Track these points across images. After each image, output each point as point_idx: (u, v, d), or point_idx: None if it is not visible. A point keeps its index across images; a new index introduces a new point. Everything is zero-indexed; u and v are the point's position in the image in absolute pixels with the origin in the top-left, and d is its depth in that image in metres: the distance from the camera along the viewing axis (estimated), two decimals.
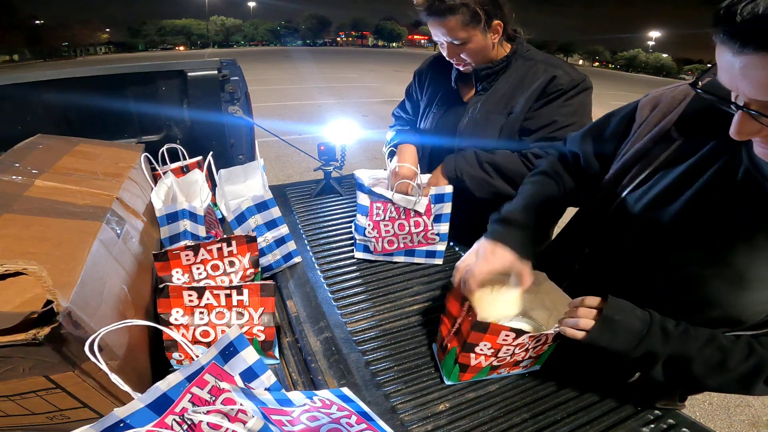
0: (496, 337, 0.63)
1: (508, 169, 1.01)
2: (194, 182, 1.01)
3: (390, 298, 0.91)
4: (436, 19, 0.95)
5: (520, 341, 0.64)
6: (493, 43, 1.01)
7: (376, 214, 0.96)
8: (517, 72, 1.05)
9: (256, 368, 0.54)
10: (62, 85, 1.36)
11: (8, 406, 0.51)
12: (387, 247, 0.99)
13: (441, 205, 0.96)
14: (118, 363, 0.54)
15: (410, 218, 0.96)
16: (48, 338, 0.43)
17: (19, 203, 0.64)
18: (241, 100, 1.58)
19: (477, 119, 1.07)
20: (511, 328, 0.62)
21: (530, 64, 1.04)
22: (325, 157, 1.30)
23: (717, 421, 1.74)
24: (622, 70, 69.15)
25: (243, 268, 0.79)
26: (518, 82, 1.03)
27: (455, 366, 0.68)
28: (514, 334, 0.62)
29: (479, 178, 1.03)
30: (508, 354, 0.66)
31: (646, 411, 0.66)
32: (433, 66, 1.22)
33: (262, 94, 8.84)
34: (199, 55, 26.70)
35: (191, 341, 0.68)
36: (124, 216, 0.74)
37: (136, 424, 0.42)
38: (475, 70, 1.05)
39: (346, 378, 0.70)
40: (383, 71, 16.41)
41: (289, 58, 23.65)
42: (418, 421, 0.64)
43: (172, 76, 1.51)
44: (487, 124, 1.06)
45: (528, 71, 1.03)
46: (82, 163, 0.85)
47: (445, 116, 1.16)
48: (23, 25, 50.41)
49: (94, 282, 0.54)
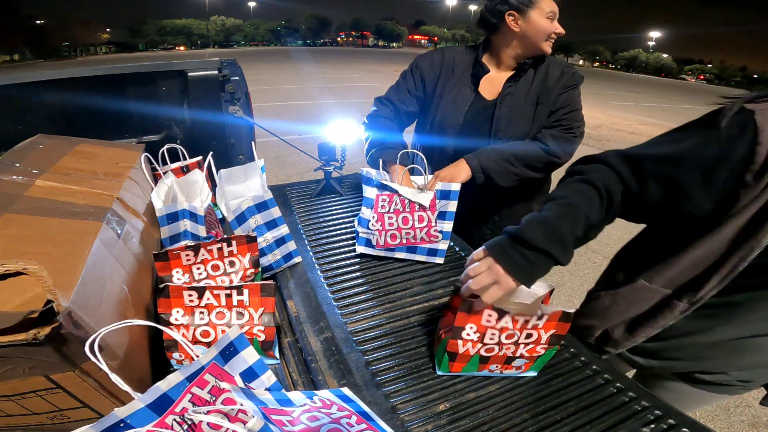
0: (480, 317, 0.64)
1: (529, 156, 1.13)
2: (194, 182, 1.01)
3: (390, 298, 0.91)
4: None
5: (504, 324, 0.65)
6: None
7: (381, 206, 0.97)
8: (537, 66, 1.17)
9: (256, 368, 0.54)
10: (62, 85, 1.36)
11: (8, 406, 0.51)
12: (389, 242, 0.99)
13: (446, 202, 0.96)
14: (118, 363, 0.54)
15: (414, 212, 0.96)
16: (48, 338, 0.43)
17: (19, 203, 0.64)
18: (241, 100, 1.59)
19: (512, 115, 1.17)
20: (493, 307, 0.63)
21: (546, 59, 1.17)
22: (326, 157, 1.30)
23: (717, 421, 1.74)
24: (623, 70, 69.18)
25: (243, 268, 0.79)
26: (542, 76, 1.16)
27: (445, 355, 0.69)
28: (496, 314, 0.64)
29: (505, 170, 1.13)
30: (494, 341, 0.66)
31: (646, 411, 0.66)
32: (439, 63, 1.23)
33: (262, 94, 8.84)
34: (200, 55, 26.68)
35: (191, 341, 0.68)
36: (125, 216, 0.74)
37: (136, 424, 0.42)
38: (520, 65, 1.16)
39: (346, 378, 0.70)
40: (384, 71, 16.41)
41: (290, 58, 23.65)
42: (418, 421, 0.64)
43: (172, 76, 1.51)
44: (522, 117, 1.17)
45: (544, 65, 1.17)
46: (83, 163, 0.85)
47: (472, 116, 1.20)
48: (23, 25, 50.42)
49: (94, 282, 0.54)
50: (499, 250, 0.63)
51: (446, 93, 1.21)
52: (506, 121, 1.17)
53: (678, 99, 17.00)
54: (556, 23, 1.10)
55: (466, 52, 1.25)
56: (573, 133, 1.15)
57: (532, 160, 1.13)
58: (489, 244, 0.65)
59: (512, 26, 1.11)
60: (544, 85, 1.15)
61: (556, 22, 1.10)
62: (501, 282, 0.61)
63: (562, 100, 1.15)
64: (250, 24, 72.44)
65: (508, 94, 1.16)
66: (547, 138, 1.14)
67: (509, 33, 1.13)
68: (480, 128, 1.20)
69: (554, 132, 1.15)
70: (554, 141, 1.13)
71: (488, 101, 1.19)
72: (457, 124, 1.21)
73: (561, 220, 0.63)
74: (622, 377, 0.73)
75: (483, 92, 1.20)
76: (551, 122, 1.16)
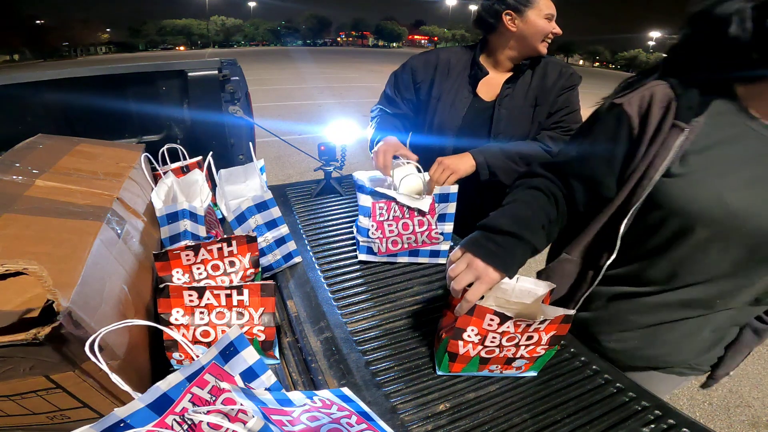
0: (482, 321, 0.64)
1: (531, 156, 1.13)
2: (194, 182, 1.01)
3: (390, 298, 0.91)
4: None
5: (505, 328, 0.64)
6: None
7: (379, 214, 0.96)
8: (534, 67, 1.17)
9: (256, 368, 0.54)
10: (63, 85, 1.36)
11: (8, 406, 0.51)
12: (391, 248, 0.99)
13: (445, 204, 0.96)
14: (118, 363, 0.54)
15: (414, 217, 0.96)
16: (48, 338, 0.43)
17: (19, 203, 0.64)
18: (241, 100, 1.59)
19: (511, 116, 1.17)
20: (495, 312, 0.62)
21: (543, 60, 1.18)
22: (326, 157, 1.30)
23: (717, 421, 1.74)
24: (623, 70, 69.16)
25: (243, 268, 0.79)
26: (540, 77, 1.16)
27: (445, 355, 0.69)
28: (498, 318, 0.63)
29: (509, 169, 1.13)
30: (495, 344, 0.66)
31: (646, 411, 0.66)
32: (433, 63, 1.23)
33: (262, 94, 8.85)
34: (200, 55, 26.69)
35: (191, 341, 0.68)
36: (125, 216, 0.74)
37: (136, 424, 0.42)
38: (517, 66, 1.17)
39: (346, 378, 0.70)
40: (384, 71, 16.41)
41: (290, 58, 23.66)
42: (418, 421, 0.64)
43: (172, 76, 1.51)
44: (522, 118, 1.17)
45: (542, 65, 1.17)
46: (83, 163, 0.85)
47: (471, 118, 1.20)
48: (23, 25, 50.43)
49: (94, 282, 0.54)
50: (473, 243, 0.66)
51: (444, 94, 1.21)
52: (505, 123, 1.17)
53: None
54: (553, 23, 1.10)
55: (463, 52, 1.24)
56: (572, 134, 1.16)
57: (535, 161, 1.13)
58: (463, 241, 0.68)
59: (509, 26, 1.11)
60: (543, 86, 1.15)
61: (554, 22, 1.10)
62: (482, 276, 0.63)
63: (561, 101, 1.15)
64: (250, 24, 72.51)
65: (506, 95, 1.16)
66: (547, 140, 1.15)
67: (506, 33, 1.13)
68: (479, 130, 1.20)
69: (553, 134, 1.15)
70: (554, 143, 1.14)
71: (486, 102, 1.19)
72: (456, 126, 1.21)
73: (522, 209, 0.72)
74: (622, 377, 0.73)
75: (481, 93, 1.20)
76: (550, 124, 1.17)
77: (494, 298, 0.72)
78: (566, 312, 0.64)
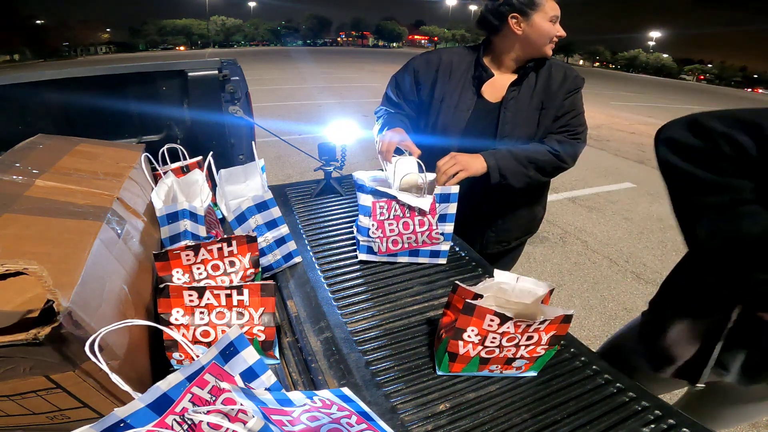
0: (482, 321, 0.64)
1: (540, 160, 1.14)
2: (194, 182, 1.01)
3: (390, 298, 0.91)
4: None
5: (505, 329, 0.64)
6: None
7: (380, 213, 0.96)
8: (538, 69, 1.17)
9: (256, 368, 0.54)
10: (63, 85, 1.36)
11: (8, 406, 0.51)
12: (391, 248, 0.99)
13: (446, 205, 0.96)
14: (118, 363, 0.54)
15: (415, 217, 0.96)
16: (48, 338, 0.43)
17: (19, 203, 0.64)
18: (241, 100, 1.59)
19: (517, 118, 1.16)
20: (495, 312, 0.63)
21: (547, 61, 1.17)
22: (326, 157, 1.30)
23: None
24: (623, 70, 69.15)
25: (243, 268, 0.79)
26: (545, 79, 1.16)
27: (445, 355, 0.69)
28: (498, 318, 0.63)
29: (519, 173, 1.13)
30: (495, 344, 0.66)
31: (646, 411, 0.66)
32: (436, 64, 1.22)
33: (262, 94, 8.84)
34: (200, 55, 26.69)
35: (191, 341, 0.68)
36: (125, 216, 0.74)
37: (136, 424, 0.42)
38: (521, 67, 1.17)
39: (346, 378, 0.70)
40: (384, 71, 16.40)
41: (290, 58, 23.66)
42: (418, 421, 0.64)
43: (172, 76, 1.51)
44: (527, 120, 1.16)
45: (546, 67, 1.17)
46: (83, 163, 0.85)
47: (475, 120, 1.20)
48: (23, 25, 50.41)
49: (94, 282, 0.54)
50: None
51: (447, 96, 1.20)
52: (511, 125, 1.16)
53: (678, 99, 16.99)
54: (558, 26, 1.10)
55: (466, 52, 1.23)
56: (578, 138, 1.16)
57: (544, 164, 1.14)
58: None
59: (515, 29, 1.10)
60: (548, 88, 1.14)
61: (558, 24, 1.10)
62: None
63: (567, 104, 1.15)
64: (250, 24, 72.48)
65: (512, 98, 1.15)
66: (555, 143, 1.14)
67: (511, 35, 1.12)
68: (484, 132, 1.19)
69: (560, 137, 1.15)
70: (562, 147, 1.14)
71: (491, 104, 1.19)
72: (461, 128, 1.20)
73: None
74: (622, 377, 0.73)
75: (486, 95, 1.19)
76: (557, 127, 1.16)
77: (494, 298, 0.72)
78: (566, 312, 0.64)
